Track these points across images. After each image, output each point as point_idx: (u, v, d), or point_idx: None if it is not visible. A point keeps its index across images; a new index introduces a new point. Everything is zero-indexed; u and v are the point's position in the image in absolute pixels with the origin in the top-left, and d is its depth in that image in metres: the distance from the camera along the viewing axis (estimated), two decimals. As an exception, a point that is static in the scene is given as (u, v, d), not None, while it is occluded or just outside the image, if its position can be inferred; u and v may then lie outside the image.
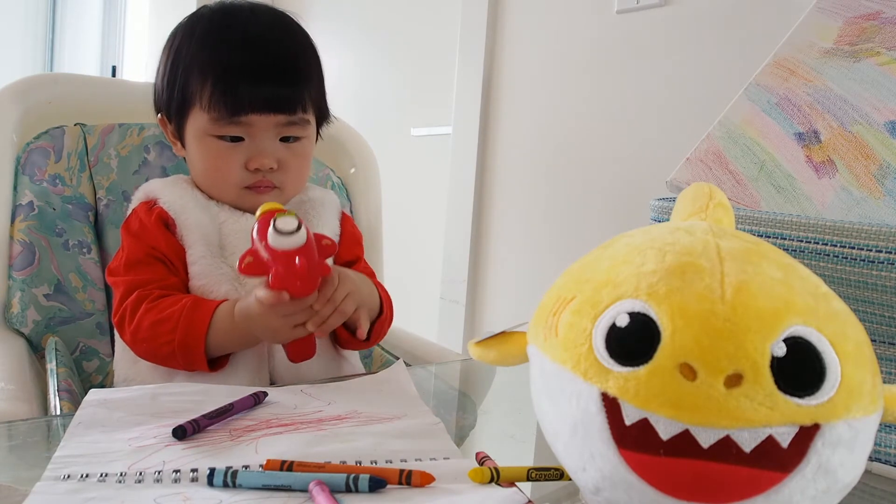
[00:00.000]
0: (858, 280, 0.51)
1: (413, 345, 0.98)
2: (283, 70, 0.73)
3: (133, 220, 0.75)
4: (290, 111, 0.73)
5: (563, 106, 1.56)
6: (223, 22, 0.75)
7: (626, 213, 1.41)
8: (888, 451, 0.52)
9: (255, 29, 0.74)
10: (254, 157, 0.73)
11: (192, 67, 0.73)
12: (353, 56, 2.29)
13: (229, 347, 0.68)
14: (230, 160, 0.73)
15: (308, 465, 0.44)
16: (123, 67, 3.56)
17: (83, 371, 0.87)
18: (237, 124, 0.72)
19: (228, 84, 0.70)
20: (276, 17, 0.77)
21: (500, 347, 0.43)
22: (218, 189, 0.76)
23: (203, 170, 0.76)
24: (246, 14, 0.75)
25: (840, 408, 0.30)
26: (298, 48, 0.76)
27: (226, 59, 0.71)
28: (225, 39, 0.73)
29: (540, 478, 0.44)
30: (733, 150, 0.72)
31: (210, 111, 0.71)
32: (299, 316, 0.63)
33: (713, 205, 0.42)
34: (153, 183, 0.79)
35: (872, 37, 0.73)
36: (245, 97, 0.70)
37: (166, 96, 0.76)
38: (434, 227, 1.91)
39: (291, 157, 0.75)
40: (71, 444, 0.47)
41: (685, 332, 0.30)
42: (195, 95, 0.72)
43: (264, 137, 0.73)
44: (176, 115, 0.76)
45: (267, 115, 0.72)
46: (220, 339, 0.66)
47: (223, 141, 0.73)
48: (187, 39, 0.74)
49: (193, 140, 0.74)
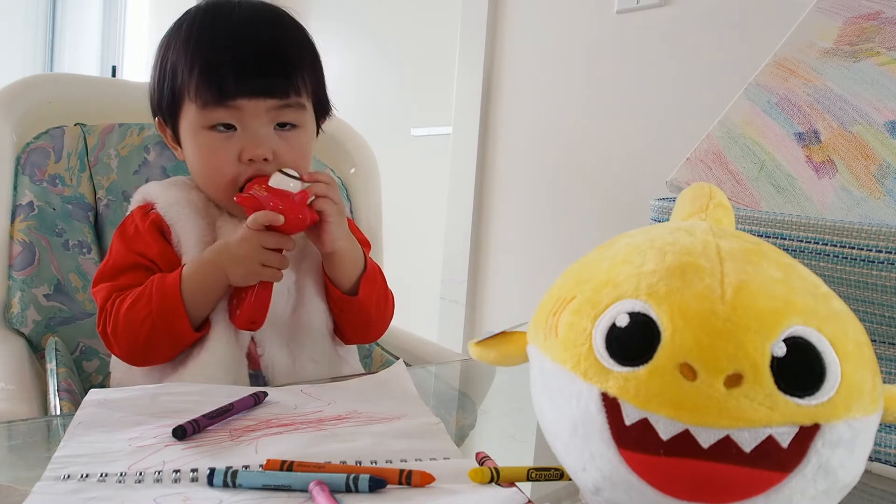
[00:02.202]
0: (858, 280, 0.51)
1: (413, 345, 0.98)
2: (272, 53, 0.71)
3: (129, 225, 0.74)
4: (282, 94, 0.71)
5: (563, 106, 1.56)
6: (208, 15, 0.73)
7: (626, 213, 1.41)
8: (888, 451, 0.52)
9: (241, 17, 0.73)
10: (247, 147, 0.70)
11: (179, 61, 0.72)
12: (353, 56, 2.29)
13: (202, 299, 0.68)
14: (223, 153, 0.70)
15: (308, 465, 0.44)
16: (123, 67, 3.56)
17: (83, 371, 0.87)
18: (226, 108, 0.69)
19: (214, 69, 0.69)
20: (265, 8, 0.76)
21: (500, 347, 0.43)
22: (214, 187, 0.74)
23: (198, 167, 0.74)
24: (233, 6, 0.74)
25: (840, 408, 0.30)
26: (287, 33, 0.75)
27: (212, 46, 0.70)
28: (210, 29, 0.72)
29: (540, 478, 0.44)
30: (733, 150, 0.72)
31: (198, 99, 0.70)
32: (273, 256, 0.67)
33: (713, 205, 0.42)
34: (151, 186, 0.78)
35: (872, 37, 0.73)
36: (231, 80, 0.68)
37: (158, 96, 0.75)
38: (434, 227, 1.91)
39: (288, 149, 0.72)
40: (71, 444, 0.47)
41: (685, 332, 0.30)
42: (184, 88, 0.71)
43: (258, 125, 0.70)
44: (169, 114, 0.74)
45: (257, 100, 0.69)
46: (193, 292, 0.67)
47: (215, 132, 0.70)
48: (174, 39, 0.73)
49: (187, 137, 0.73)
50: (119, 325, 0.67)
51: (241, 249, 0.66)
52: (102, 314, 0.69)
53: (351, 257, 0.74)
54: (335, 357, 0.79)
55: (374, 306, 0.77)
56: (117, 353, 0.70)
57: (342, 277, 0.74)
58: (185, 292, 0.67)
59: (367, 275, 0.76)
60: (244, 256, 0.66)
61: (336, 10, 2.37)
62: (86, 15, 3.90)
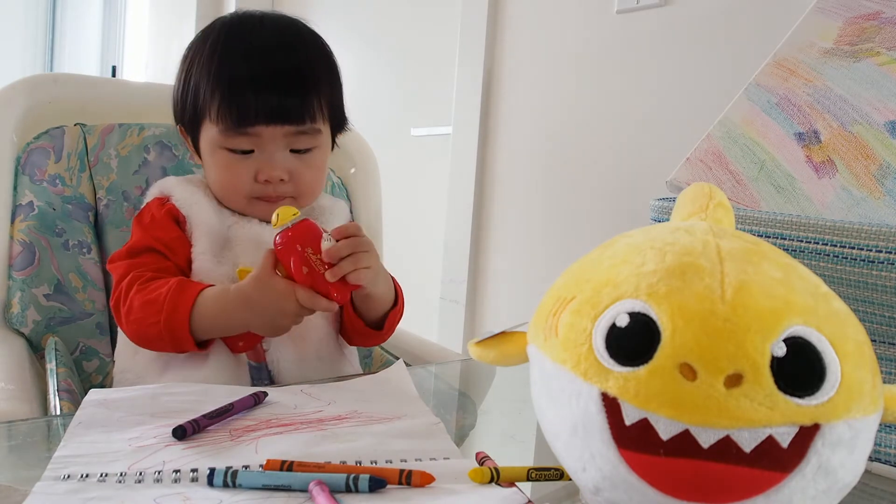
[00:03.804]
0: (858, 280, 0.51)
1: (413, 345, 0.98)
2: (290, 79, 0.72)
3: (145, 214, 0.77)
4: (299, 121, 0.72)
5: (563, 106, 1.56)
6: (231, 33, 0.75)
7: (626, 213, 1.41)
8: (888, 451, 0.52)
9: (263, 39, 0.74)
10: (263, 169, 0.73)
11: (201, 80, 0.73)
12: (354, 56, 2.29)
13: (212, 332, 0.68)
14: (240, 172, 0.73)
15: (308, 465, 0.44)
16: (123, 67, 3.56)
17: (83, 371, 0.87)
18: (245, 136, 0.72)
19: (235, 96, 0.71)
20: (286, 26, 0.77)
21: (500, 347, 0.43)
22: (229, 200, 0.77)
23: (216, 181, 0.76)
24: (255, 24, 0.75)
25: (840, 408, 0.30)
26: (308, 56, 0.76)
27: (232, 71, 0.72)
28: (232, 51, 0.73)
29: (540, 478, 0.44)
30: (733, 150, 0.72)
31: (219, 123, 0.72)
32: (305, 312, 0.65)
33: (713, 205, 0.42)
34: (169, 180, 0.80)
35: (872, 37, 0.73)
36: (251, 108, 0.70)
37: (181, 109, 0.77)
38: (434, 227, 1.91)
39: (304, 168, 0.75)
40: (71, 444, 0.47)
41: (685, 332, 0.30)
42: (205, 108, 0.73)
43: (274, 149, 0.73)
44: (190, 127, 0.77)
45: (274, 126, 0.71)
46: (204, 322, 0.66)
47: (233, 153, 0.73)
48: (199, 52, 0.75)
49: (207, 151, 0.75)
50: (132, 315, 0.68)
51: (281, 304, 0.64)
52: (117, 291, 0.70)
53: (384, 297, 0.74)
54: (340, 356, 0.79)
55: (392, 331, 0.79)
56: (124, 331, 0.71)
57: (370, 312, 0.75)
58: (196, 324, 0.66)
59: (395, 310, 0.76)
60: (282, 311, 0.65)
61: (336, 11, 2.37)
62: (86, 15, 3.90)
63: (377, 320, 0.76)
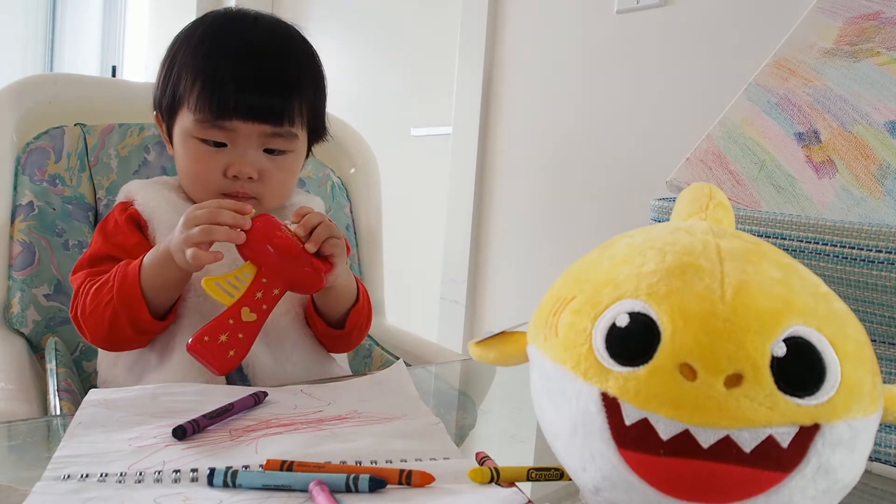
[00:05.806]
0: (858, 280, 0.51)
1: (413, 345, 0.98)
2: (274, 80, 0.72)
3: (109, 220, 0.76)
4: (276, 122, 0.72)
5: (562, 106, 1.56)
6: (223, 28, 0.75)
7: (626, 213, 1.41)
8: (888, 451, 0.52)
9: (253, 37, 0.74)
10: (233, 165, 0.72)
11: (185, 67, 0.73)
12: (353, 56, 2.29)
13: (160, 282, 0.66)
14: (210, 165, 0.72)
15: (308, 465, 0.44)
16: (123, 67, 3.56)
17: (83, 371, 0.87)
18: (220, 129, 0.71)
19: (216, 88, 0.70)
20: (280, 29, 0.76)
21: (500, 347, 0.43)
22: (197, 193, 0.75)
23: (185, 171, 0.76)
24: (248, 22, 0.75)
25: (840, 408, 0.30)
26: (295, 60, 0.75)
27: (219, 63, 0.71)
28: (221, 46, 0.73)
29: (540, 478, 0.44)
30: (733, 150, 0.72)
31: (196, 112, 0.71)
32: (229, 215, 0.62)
33: (713, 205, 0.42)
34: (133, 184, 0.80)
35: (872, 37, 0.73)
36: (230, 102, 0.70)
37: (159, 94, 0.76)
38: (434, 227, 1.91)
39: (275, 169, 0.74)
40: (71, 444, 0.47)
41: (685, 332, 0.30)
42: (184, 96, 0.72)
43: (247, 146, 0.72)
44: (167, 114, 0.76)
45: (251, 124, 0.71)
46: (151, 275, 0.65)
47: (206, 145, 0.72)
48: (186, 42, 0.75)
49: (179, 140, 0.74)
50: (86, 310, 0.68)
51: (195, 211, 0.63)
52: (75, 302, 0.70)
53: (346, 291, 0.74)
54: (322, 358, 0.78)
55: (357, 332, 0.77)
56: (87, 337, 0.70)
57: (331, 310, 0.74)
58: (145, 279, 0.66)
59: (357, 307, 0.75)
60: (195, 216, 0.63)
61: (336, 10, 2.37)
62: (86, 15, 3.89)
63: (339, 319, 0.75)
